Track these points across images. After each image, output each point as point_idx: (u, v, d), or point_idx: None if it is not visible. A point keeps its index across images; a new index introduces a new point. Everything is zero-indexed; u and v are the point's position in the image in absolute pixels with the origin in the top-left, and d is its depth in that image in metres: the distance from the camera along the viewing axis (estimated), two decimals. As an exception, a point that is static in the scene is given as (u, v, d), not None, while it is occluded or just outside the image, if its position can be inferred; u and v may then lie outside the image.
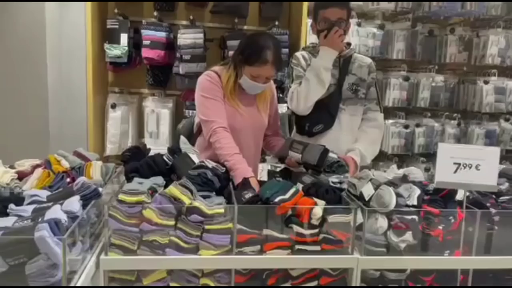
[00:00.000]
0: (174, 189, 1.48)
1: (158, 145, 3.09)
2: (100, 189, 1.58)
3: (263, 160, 3.23)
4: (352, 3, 3.29)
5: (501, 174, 2.09)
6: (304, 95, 2.13)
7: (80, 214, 1.36)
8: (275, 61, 1.92)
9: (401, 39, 3.36)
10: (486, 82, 3.53)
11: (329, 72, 2.12)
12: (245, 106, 2.05)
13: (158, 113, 3.24)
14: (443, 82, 3.58)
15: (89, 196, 1.48)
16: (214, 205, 1.50)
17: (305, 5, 3.20)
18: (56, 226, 1.20)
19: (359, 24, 3.31)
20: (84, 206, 1.43)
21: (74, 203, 1.37)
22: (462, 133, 3.64)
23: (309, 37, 3.16)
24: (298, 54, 2.27)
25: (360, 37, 3.24)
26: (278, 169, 2.55)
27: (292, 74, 2.25)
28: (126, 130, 3.26)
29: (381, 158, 3.64)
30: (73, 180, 1.63)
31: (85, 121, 3.06)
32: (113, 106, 3.19)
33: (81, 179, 1.51)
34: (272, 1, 3.33)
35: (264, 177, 2.11)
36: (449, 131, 3.58)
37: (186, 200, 1.47)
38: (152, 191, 1.54)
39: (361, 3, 3.29)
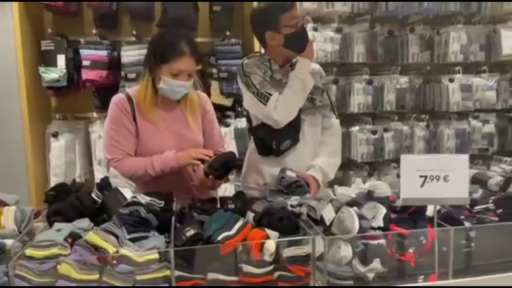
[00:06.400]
0: (93, 236, 1.25)
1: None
2: (11, 241, 1.34)
3: (226, 180, 3.01)
4: (308, 7, 3.16)
5: (473, 180, 1.95)
6: (292, 103, 1.97)
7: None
8: (192, 52, 1.78)
9: (360, 41, 3.22)
10: (451, 80, 3.42)
11: None
12: (170, 123, 1.87)
13: (106, 138, 2.97)
14: (408, 83, 3.45)
15: (-9, 254, 1.23)
16: (146, 251, 1.27)
17: (257, 13, 3.02)
18: None
19: (315, 29, 3.15)
20: (-14, 266, 1.19)
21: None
22: (431, 134, 3.51)
23: (263, 46, 2.98)
24: (249, 62, 2.05)
25: (318, 42, 3.08)
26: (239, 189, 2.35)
27: (251, 83, 2.00)
28: (72, 159, 2.99)
29: (351, 167, 3.48)
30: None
31: (23, 154, 2.77)
32: (55, 135, 2.92)
33: (-20, 234, 1.25)
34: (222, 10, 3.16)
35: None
36: (418, 134, 3.44)
37: (110, 248, 1.24)
38: (73, 238, 1.30)
39: (315, 6, 3.14)
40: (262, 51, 2.17)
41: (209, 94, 2.92)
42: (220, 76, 3.10)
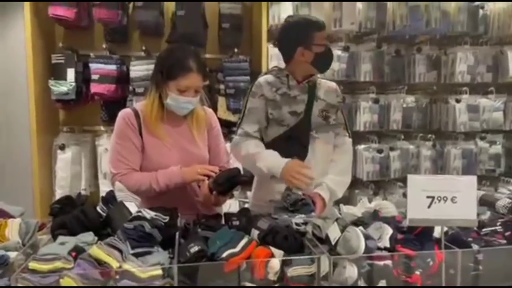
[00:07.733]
0: (97, 251, 1.24)
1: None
2: (15, 253, 1.33)
3: (231, 196, 3.00)
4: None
5: (481, 202, 1.93)
6: (245, 158, 1.98)
7: (-23, 292, 1.10)
8: (199, 69, 1.79)
9: (367, 60, 3.23)
10: (458, 101, 3.42)
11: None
12: (176, 138, 1.86)
13: (112, 151, 2.98)
14: (414, 102, 3.46)
15: (-6, 266, 1.23)
16: (149, 266, 1.26)
17: (265, 31, 3.09)
18: None
19: (322, 47, 3.17)
20: (-11, 278, 1.18)
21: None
22: (438, 154, 3.49)
23: (270, 63, 3.01)
24: (262, 80, 2.02)
25: (325, 60, 3.09)
26: (246, 205, 2.33)
27: (245, 105, 2.01)
28: (78, 172, 2.99)
29: (357, 185, 3.45)
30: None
31: (30, 165, 2.78)
32: (62, 147, 2.93)
33: (-16, 245, 1.25)
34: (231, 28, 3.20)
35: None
36: (424, 153, 3.43)
37: (113, 263, 1.23)
38: (76, 252, 1.30)
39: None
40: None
41: (215, 110, 2.94)
42: (227, 92, 3.12)
